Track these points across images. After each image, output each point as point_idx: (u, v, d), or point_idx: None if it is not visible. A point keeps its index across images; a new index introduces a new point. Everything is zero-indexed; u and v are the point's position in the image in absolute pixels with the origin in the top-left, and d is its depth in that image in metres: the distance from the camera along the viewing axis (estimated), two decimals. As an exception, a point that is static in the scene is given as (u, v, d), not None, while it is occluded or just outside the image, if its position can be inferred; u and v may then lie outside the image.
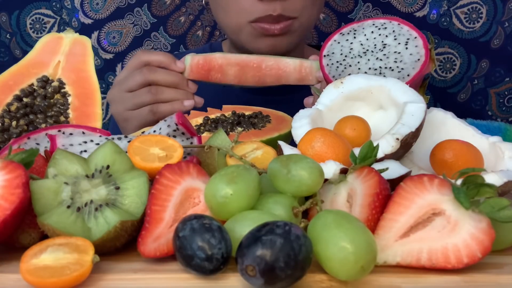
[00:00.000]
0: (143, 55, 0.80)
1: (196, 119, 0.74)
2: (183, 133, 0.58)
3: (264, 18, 0.86)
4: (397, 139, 0.52)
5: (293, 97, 0.91)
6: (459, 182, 0.43)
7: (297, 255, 0.36)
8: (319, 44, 1.15)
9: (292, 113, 0.63)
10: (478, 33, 1.21)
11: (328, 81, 0.68)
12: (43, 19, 1.23)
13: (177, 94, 0.79)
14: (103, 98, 1.27)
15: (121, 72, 0.83)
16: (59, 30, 1.24)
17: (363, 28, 0.71)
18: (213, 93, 1.01)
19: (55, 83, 0.66)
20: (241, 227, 0.41)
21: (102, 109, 1.04)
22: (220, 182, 0.43)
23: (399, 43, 0.67)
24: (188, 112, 0.77)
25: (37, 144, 0.58)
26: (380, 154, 0.51)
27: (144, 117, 0.79)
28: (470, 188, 0.42)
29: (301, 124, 0.59)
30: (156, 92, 0.78)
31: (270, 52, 0.90)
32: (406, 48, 0.67)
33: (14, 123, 0.64)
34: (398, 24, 0.69)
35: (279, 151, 0.55)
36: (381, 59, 0.67)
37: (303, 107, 0.64)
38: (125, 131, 0.83)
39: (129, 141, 0.57)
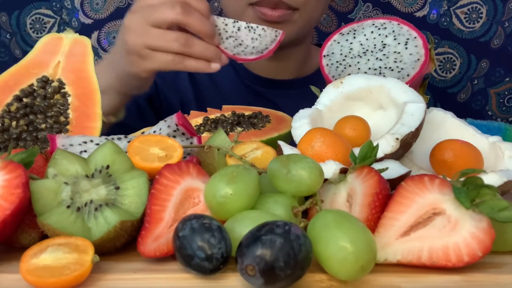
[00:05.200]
0: None
1: (196, 119, 0.74)
2: (183, 133, 0.58)
3: (263, 1, 0.85)
4: (397, 139, 0.52)
5: (306, 92, 0.91)
6: (459, 182, 0.43)
7: (297, 254, 0.36)
8: (320, 43, 1.15)
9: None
10: (478, 33, 1.21)
11: (328, 81, 0.68)
12: (43, 19, 1.23)
13: (207, 51, 0.71)
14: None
15: None
16: (59, 30, 1.24)
17: (363, 28, 0.71)
18: (228, 86, 1.02)
19: (55, 83, 0.66)
20: (241, 227, 0.41)
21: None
22: (220, 182, 0.43)
23: (398, 43, 0.67)
24: (188, 112, 0.77)
25: None
26: (380, 154, 0.51)
27: (163, 63, 0.71)
28: (470, 189, 0.42)
29: (300, 124, 0.59)
30: (186, 43, 0.70)
31: None
32: (406, 48, 0.67)
33: (14, 123, 0.64)
34: (398, 24, 0.69)
35: (279, 151, 0.55)
36: (380, 59, 0.67)
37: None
38: (134, 67, 0.74)
39: (129, 141, 0.57)
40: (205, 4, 0.72)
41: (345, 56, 0.69)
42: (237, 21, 0.74)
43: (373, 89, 0.61)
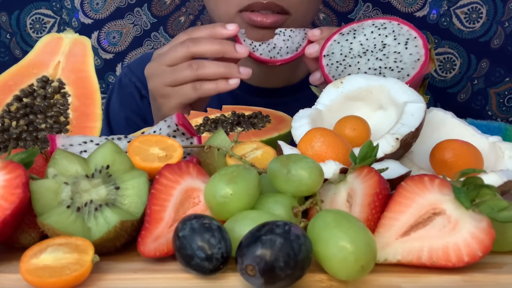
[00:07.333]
0: (192, 32, 0.75)
1: (196, 119, 0.74)
2: (183, 133, 0.58)
3: (253, 5, 0.82)
4: (397, 139, 0.52)
5: (296, 99, 0.89)
6: (459, 182, 0.43)
7: (297, 254, 0.36)
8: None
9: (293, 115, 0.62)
10: (478, 33, 1.21)
11: (328, 81, 0.68)
12: (43, 19, 1.23)
13: (221, 69, 0.74)
14: (103, 98, 1.27)
15: (163, 46, 0.78)
16: (59, 30, 1.24)
17: (363, 28, 0.71)
18: (215, 96, 1.00)
19: (55, 83, 0.66)
20: (241, 227, 0.41)
21: (102, 109, 1.03)
22: (220, 182, 0.43)
23: (398, 43, 0.67)
24: (188, 112, 0.77)
25: None
26: (380, 154, 0.51)
27: (185, 95, 0.74)
28: (470, 189, 0.42)
29: (300, 124, 0.59)
30: (197, 67, 0.73)
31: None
32: (406, 48, 0.67)
33: (14, 123, 0.64)
34: (398, 24, 0.69)
35: (279, 151, 0.55)
36: (380, 59, 0.67)
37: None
38: (163, 108, 0.77)
39: (129, 141, 0.57)
40: (209, 29, 0.76)
41: (345, 56, 0.69)
42: None
43: (373, 89, 0.61)
